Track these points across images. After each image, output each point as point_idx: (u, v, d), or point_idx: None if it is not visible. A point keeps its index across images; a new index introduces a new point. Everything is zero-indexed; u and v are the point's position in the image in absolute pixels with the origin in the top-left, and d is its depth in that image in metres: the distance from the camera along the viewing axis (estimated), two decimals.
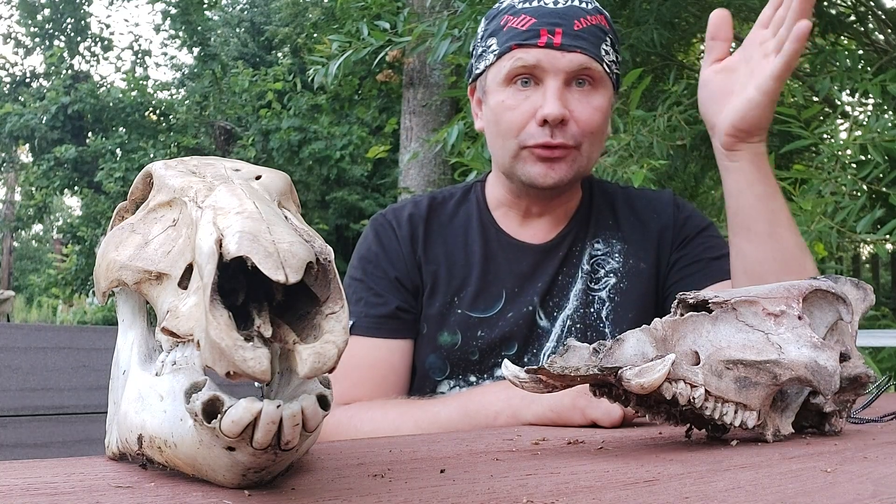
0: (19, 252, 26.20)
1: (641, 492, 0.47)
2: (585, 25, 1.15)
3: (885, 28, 4.16)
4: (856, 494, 0.47)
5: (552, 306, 1.22)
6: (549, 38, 1.14)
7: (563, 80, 1.14)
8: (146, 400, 0.46)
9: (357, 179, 12.69)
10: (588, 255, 1.25)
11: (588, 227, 1.26)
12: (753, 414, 0.66)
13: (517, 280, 1.22)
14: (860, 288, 0.79)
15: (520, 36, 1.15)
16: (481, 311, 1.20)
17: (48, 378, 1.55)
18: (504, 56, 1.16)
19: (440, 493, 0.45)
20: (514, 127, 1.15)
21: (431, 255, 1.23)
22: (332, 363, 0.39)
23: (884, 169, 2.66)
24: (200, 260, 0.40)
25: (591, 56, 1.15)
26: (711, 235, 1.27)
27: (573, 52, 1.14)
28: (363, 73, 8.46)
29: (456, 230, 1.26)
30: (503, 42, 1.17)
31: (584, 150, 1.17)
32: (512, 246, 1.24)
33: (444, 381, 1.21)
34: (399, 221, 1.25)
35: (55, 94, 14.03)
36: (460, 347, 1.19)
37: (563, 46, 1.13)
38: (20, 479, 0.46)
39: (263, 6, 16.48)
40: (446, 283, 1.22)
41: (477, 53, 1.24)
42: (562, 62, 1.13)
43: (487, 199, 1.28)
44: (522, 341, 1.19)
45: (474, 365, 1.19)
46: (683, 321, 0.66)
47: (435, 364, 1.20)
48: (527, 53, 1.14)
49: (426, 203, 1.28)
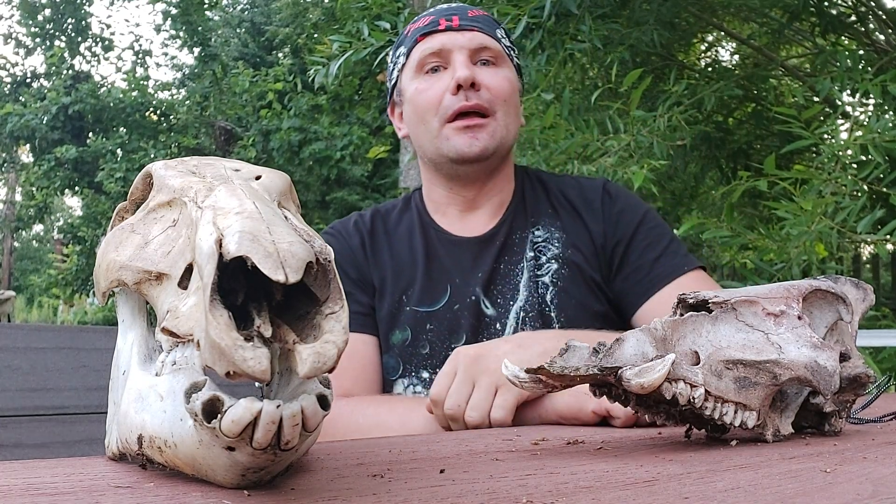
0: (20, 252, 26.21)
1: (641, 492, 0.47)
2: (479, 15, 1.30)
3: (886, 28, 4.16)
4: (855, 494, 0.47)
5: (496, 294, 1.25)
6: (448, 24, 1.27)
7: (468, 56, 1.25)
8: (146, 400, 0.46)
9: (357, 180, 12.69)
10: (530, 243, 1.28)
11: (525, 216, 1.31)
12: (753, 414, 0.66)
13: (459, 272, 1.26)
14: (860, 288, 0.79)
15: (422, 29, 1.28)
16: (428, 305, 1.24)
17: (48, 378, 1.55)
18: (412, 51, 1.29)
19: (440, 493, 0.45)
20: (431, 104, 1.24)
21: (379, 259, 1.29)
22: (332, 363, 0.39)
23: (884, 169, 2.66)
24: (200, 260, 0.40)
25: (489, 34, 1.27)
26: (649, 227, 1.27)
27: (472, 31, 1.26)
28: (363, 74, 8.46)
29: (400, 236, 1.32)
30: (409, 41, 1.30)
31: (499, 118, 1.24)
32: (451, 242, 1.29)
33: (399, 379, 1.24)
34: (347, 231, 1.33)
35: (56, 95, 14.04)
36: (411, 343, 1.23)
37: (462, 27, 1.26)
38: (20, 479, 0.46)
39: (264, 6, 16.48)
40: (393, 283, 1.27)
41: (390, 71, 1.35)
42: (462, 40, 1.26)
43: (426, 205, 1.35)
44: (471, 331, 1.22)
45: (426, 359, 1.22)
46: (683, 321, 0.66)
47: (388, 364, 1.24)
48: (431, 40, 1.26)
49: (370, 214, 1.36)
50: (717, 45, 6.31)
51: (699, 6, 3.99)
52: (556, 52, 3.26)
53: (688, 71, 4.83)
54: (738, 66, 5.58)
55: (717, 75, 4.51)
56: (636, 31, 3.36)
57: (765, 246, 2.80)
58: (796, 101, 4.03)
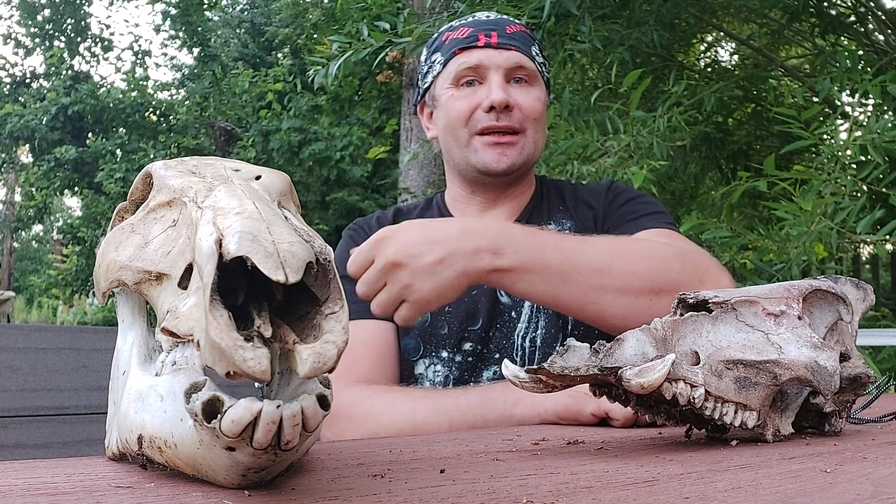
0: (19, 253, 26.20)
1: (641, 492, 0.47)
2: (516, 30, 1.33)
3: (886, 28, 4.17)
4: (855, 494, 0.47)
5: None
6: (486, 40, 1.30)
7: (504, 75, 1.28)
8: (146, 400, 0.46)
9: (357, 180, 12.69)
10: None
11: (542, 214, 1.36)
12: (753, 414, 0.66)
13: None
14: (860, 288, 0.79)
15: (461, 42, 1.31)
16: None
17: (48, 379, 1.55)
18: (449, 62, 1.32)
19: (440, 493, 0.45)
20: (462, 115, 1.28)
21: None
22: (332, 363, 0.39)
23: (884, 170, 2.66)
24: (200, 260, 0.40)
25: (525, 53, 1.30)
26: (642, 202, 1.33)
27: (509, 50, 1.29)
28: (363, 74, 8.47)
29: None
30: (447, 51, 1.32)
31: (529, 135, 1.29)
32: None
33: (420, 360, 1.27)
34: (369, 225, 1.37)
35: (55, 95, 14.03)
36: (430, 324, 1.27)
37: (500, 45, 1.29)
38: (20, 480, 0.46)
39: (264, 7, 16.48)
40: None
41: (423, 72, 1.39)
42: (500, 59, 1.29)
43: (448, 205, 1.40)
44: (487, 317, 1.26)
45: (444, 339, 1.26)
46: (683, 321, 0.66)
47: (409, 345, 1.28)
48: (469, 55, 1.29)
49: (392, 212, 1.41)
50: (717, 46, 6.31)
51: (699, 7, 3.99)
52: (555, 52, 3.27)
53: (687, 71, 4.83)
54: (737, 67, 5.59)
55: (716, 76, 4.51)
56: (636, 32, 3.36)
57: (764, 246, 2.80)
58: (796, 101, 4.03)
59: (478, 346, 1.24)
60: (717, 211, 4.16)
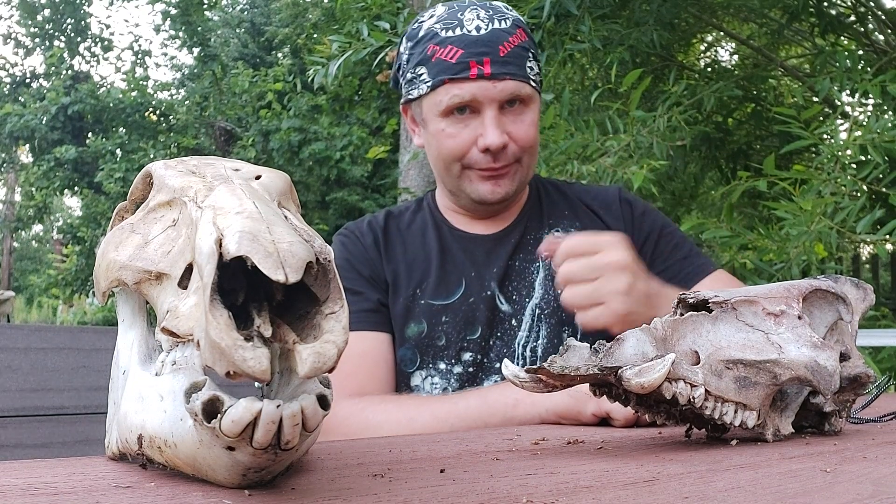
0: (19, 252, 26.19)
1: (641, 492, 0.47)
2: (510, 49, 1.21)
3: (885, 28, 4.17)
4: (855, 494, 0.47)
5: (511, 291, 1.27)
6: (479, 70, 1.19)
7: (498, 109, 1.21)
8: (146, 400, 0.46)
9: (357, 180, 12.68)
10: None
11: (541, 218, 1.33)
12: (753, 414, 0.66)
13: (474, 267, 1.28)
14: (860, 288, 0.79)
15: (450, 70, 1.20)
16: (443, 297, 1.26)
17: (48, 378, 1.55)
18: (438, 90, 1.21)
19: (440, 493, 0.45)
20: (456, 154, 1.23)
21: (392, 255, 1.30)
22: (332, 363, 0.39)
23: (884, 169, 2.66)
24: (200, 260, 0.40)
25: (520, 79, 1.21)
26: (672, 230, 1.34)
27: (504, 80, 1.20)
28: (363, 74, 8.45)
29: (413, 233, 1.33)
30: (434, 75, 1.22)
31: (524, 162, 1.25)
32: (465, 238, 1.31)
33: (416, 371, 1.24)
34: (361, 230, 1.34)
35: (55, 95, 14.02)
36: (427, 335, 1.24)
37: (494, 76, 1.19)
38: (20, 479, 0.46)
39: (264, 7, 16.47)
40: (407, 278, 1.28)
41: (406, 78, 1.28)
42: (494, 92, 1.19)
43: (439, 206, 1.36)
44: (486, 324, 1.24)
45: (442, 351, 1.23)
46: (683, 321, 0.66)
47: (405, 356, 1.25)
48: (460, 88, 1.19)
49: (383, 215, 1.37)
50: (717, 46, 6.32)
51: (699, 6, 4.00)
52: (555, 52, 3.27)
53: (687, 71, 4.83)
54: (737, 67, 5.59)
55: (716, 75, 4.51)
56: (636, 32, 3.36)
57: (764, 246, 2.80)
58: (796, 101, 4.03)
59: (477, 356, 1.22)
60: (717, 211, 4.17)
